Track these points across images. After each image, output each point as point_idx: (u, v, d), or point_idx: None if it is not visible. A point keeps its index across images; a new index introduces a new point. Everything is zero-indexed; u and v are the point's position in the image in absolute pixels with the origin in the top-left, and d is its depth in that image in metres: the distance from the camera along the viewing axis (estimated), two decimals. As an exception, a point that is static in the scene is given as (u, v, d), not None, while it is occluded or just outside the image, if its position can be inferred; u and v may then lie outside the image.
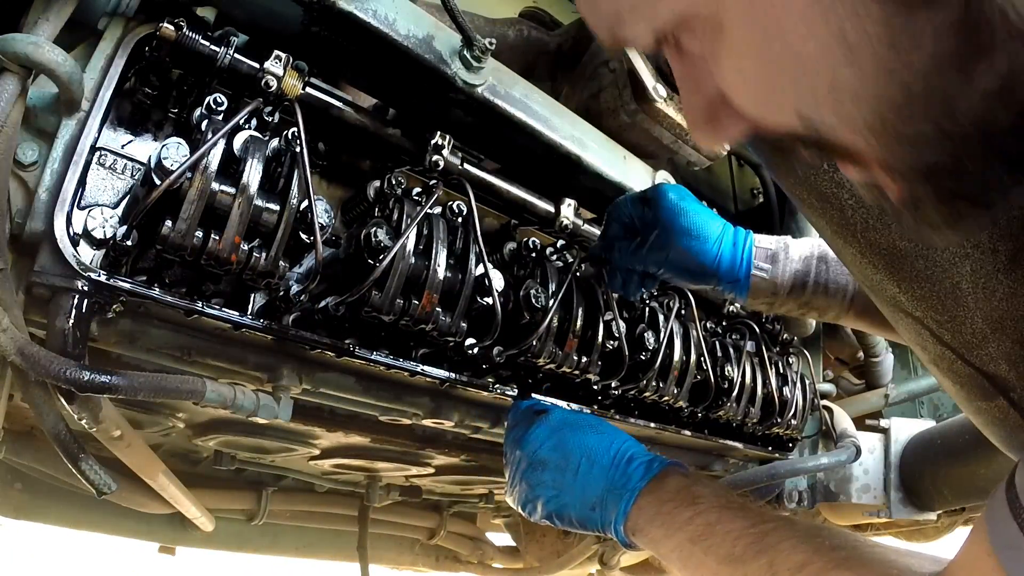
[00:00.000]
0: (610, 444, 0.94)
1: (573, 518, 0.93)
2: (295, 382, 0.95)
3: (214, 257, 0.78)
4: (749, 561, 0.72)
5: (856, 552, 0.66)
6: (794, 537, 0.70)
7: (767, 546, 0.72)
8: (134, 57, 0.81)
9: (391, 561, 2.17)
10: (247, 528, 1.79)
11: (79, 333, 0.74)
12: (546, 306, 1.04)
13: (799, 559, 0.67)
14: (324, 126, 0.94)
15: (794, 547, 0.69)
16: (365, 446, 1.35)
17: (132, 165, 0.82)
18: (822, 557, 0.66)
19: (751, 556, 0.72)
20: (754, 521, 0.76)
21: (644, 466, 0.91)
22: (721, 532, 0.77)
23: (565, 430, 0.97)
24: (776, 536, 0.72)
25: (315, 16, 0.86)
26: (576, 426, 0.97)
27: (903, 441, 1.70)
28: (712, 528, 0.78)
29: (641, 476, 0.90)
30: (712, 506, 0.81)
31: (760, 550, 0.72)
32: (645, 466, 0.91)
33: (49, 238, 0.74)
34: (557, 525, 0.96)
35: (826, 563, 0.65)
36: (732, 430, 1.48)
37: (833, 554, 0.66)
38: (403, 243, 0.89)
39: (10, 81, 0.70)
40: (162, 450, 1.45)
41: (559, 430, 0.97)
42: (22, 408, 1.12)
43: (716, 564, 0.76)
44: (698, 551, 0.78)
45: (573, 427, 0.97)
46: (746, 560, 0.72)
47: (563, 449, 0.94)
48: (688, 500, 0.83)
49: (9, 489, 1.52)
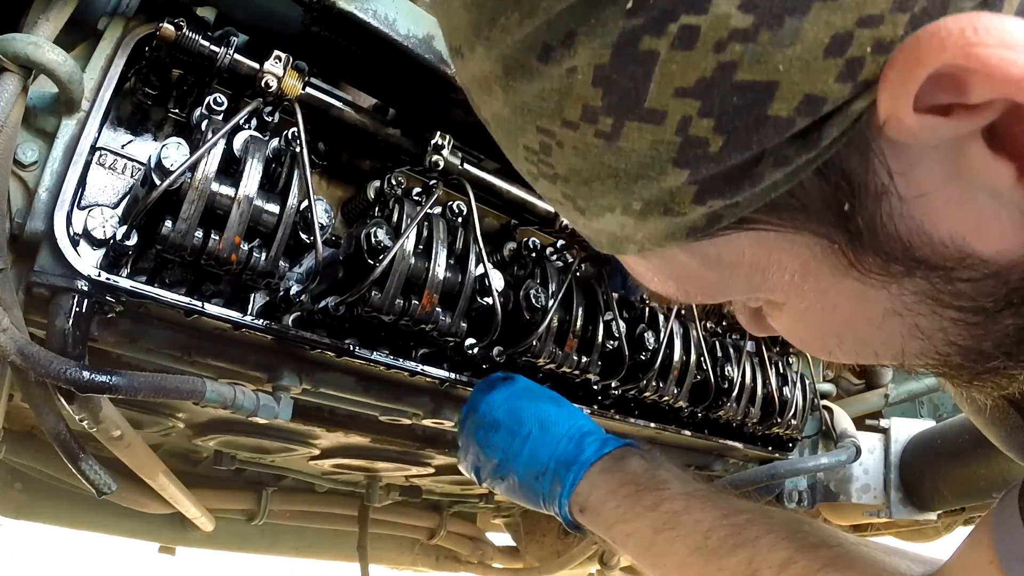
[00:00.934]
0: (568, 417, 0.91)
1: (517, 486, 0.89)
2: (295, 382, 0.95)
3: (214, 257, 0.78)
4: (725, 556, 0.69)
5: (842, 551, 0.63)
6: (773, 532, 0.68)
7: (745, 541, 0.68)
8: (134, 57, 0.81)
9: (391, 561, 2.17)
10: (247, 528, 1.79)
11: (79, 333, 0.74)
12: (546, 306, 1.04)
13: (782, 557, 0.65)
14: (324, 126, 0.94)
15: (775, 544, 0.66)
16: (365, 446, 1.35)
17: (132, 165, 0.82)
18: (806, 556, 0.63)
19: (727, 551, 0.69)
20: (726, 512, 0.73)
21: (599, 441, 0.87)
22: (689, 522, 0.73)
23: (524, 396, 0.94)
24: (754, 530, 0.69)
25: (315, 16, 0.86)
26: (536, 395, 0.95)
27: (903, 441, 1.70)
28: (678, 517, 0.74)
29: (595, 450, 0.85)
30: (678, 493, 0.77)
31: (737, 544, 0.69)
32: (600, 441, 0.86)
33: (49, 238, 0.74)
34: (503, 493, 0.93)
35: (811, 562, 0.63)
36: (732, 430, 1.48)
37: (818, 553, 0.63)
38: (403, 243, 0.89)
39: (10, 81, 0.70)
40: (162, 450, 1.45)
41: (518, 396, 0.94)
42: (22, 408, 1.12)
43: (685, 555, 0.72)
44: (662, 540, 0.74)
45: (533, 395, 0.95)
46: (721, 555, 0.69)
47: (518, 414, 0.91)
48: (651, 485, 0.79)
49: (9, 489, 1.51)
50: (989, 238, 0.36)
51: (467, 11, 0.37)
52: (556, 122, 0.37)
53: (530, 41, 0.35)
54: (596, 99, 0.35)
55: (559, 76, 0.35)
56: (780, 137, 0.33)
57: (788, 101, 0.32)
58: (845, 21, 0.30)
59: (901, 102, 0.31)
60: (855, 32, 0.30)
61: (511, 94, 0.38)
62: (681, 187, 0.36)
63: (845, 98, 0.32)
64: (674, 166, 0.36)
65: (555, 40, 0.34)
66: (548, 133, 0.38)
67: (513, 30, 0.35)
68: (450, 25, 0.40)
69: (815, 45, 0.31)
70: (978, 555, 0.51)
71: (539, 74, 0.36)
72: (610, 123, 0.36)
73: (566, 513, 0.85)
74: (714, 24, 0.31)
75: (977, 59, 0.28)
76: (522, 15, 0.34)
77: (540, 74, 0.36)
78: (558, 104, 0.36)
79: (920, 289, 0.38)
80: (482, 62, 0.38)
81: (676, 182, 0.36)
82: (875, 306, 0.40)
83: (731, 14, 0.31)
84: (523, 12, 0.34)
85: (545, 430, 0.89)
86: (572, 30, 0.34)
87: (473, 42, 0.38)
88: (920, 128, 0.31)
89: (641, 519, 0.77)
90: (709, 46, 0.32)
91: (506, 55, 0.36)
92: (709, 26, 0.31)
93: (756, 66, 0.32)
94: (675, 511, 0.75)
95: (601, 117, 0.36)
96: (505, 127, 0.41)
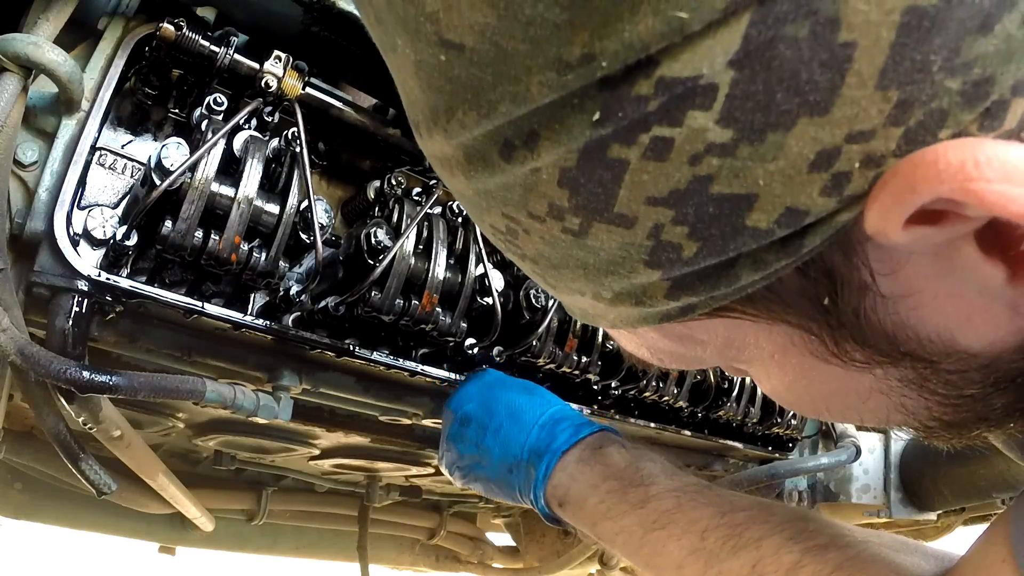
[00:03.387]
0: (540, 404, 0.88)
1: (491, 481, 0.86)
2: (295, 382, 0.95)
3: (214, 257, 0.78)
4: (726, 558, 0.66)
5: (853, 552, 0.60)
6: (778, 533, 0.64)
7: (747, 542, 0.65)
8: (134, 57, 0.81)
9: (391, 561, 2.17)
10: (247, 528, 1.79)
11: (79, 333, 0.74)
12: (546, 306, 1.04)
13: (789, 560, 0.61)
14: (324, 126, 0.94)
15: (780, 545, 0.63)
16: (365, 446, 1.35)
17: (132, 165, 0.82)
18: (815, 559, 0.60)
19: (728, 553, 0.66)
20: (722, 509, 0.69)
21: (573, 428, 0.83)
22: (683, 521, 0.70)
23: (496, 388, 0.92)
24: (755, 531, 0.66)
25: (315, 16, 0.86)
26: (507, 385, 0.93)
27: (903, 441, 1.70)
28: (671, 515, 0.71)
29: (568, 437, 0.81)
30: (668, 489, 0.74)
31: (738, 546, 0.65)
32: (574, 428, 0.83)
33: (49, 238, 0.74)
34: (481, 490, 0.90)
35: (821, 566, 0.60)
36: (732, 430, 1.48)
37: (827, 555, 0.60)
38: (403, 243, 0.89)
39: (10, 81, 0.70)
40: (162, 450, 1.45)
41: (490, 387, 0.92)
42: (22, 408, 1.12)
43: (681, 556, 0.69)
44: (654, 540, 0.71)
45: (504, 386, 0.92)
46: (722, 557, 0.66)
47: (488, 406, 0.89)
48: (636, 479, 0.76)
49: (9, 489, 1.51)
50: (979, 332, 0.34)
51: (424, 94, 0.34)
52: (522, 212, 0.35)
53: (491, 137, 0.33)
54: (562, 199, 0.33)
55: (523, 173, 0.33)
56: (758, 244, 0.31)
57: (768, 213, 0.30)
58: (833, 137, 0.28)
59: (891, 223, 0.29)
60: (843, 147, 0.28)
61: (473, 181, 0.36)
62: (654, 284, 0.35)
63: (829, 211, 0.30)
64: (646, 267, 0.34)
65: (517, 139, 0.32)
66: (513, 220, 0.36)
67: (471, 126, 0.33)
68: (407, 100, 0.37)
69: (799, 160, 0.29)
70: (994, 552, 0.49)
71: (501, 169, 0.33)
72: (577, 222, 0.33)
73: (543, 506, 0.82)
74: (689, 137, 0.29)
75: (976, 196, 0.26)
76: (480, 114, 0.32)
77: (502, 170, 0.33)
78: (523, 197, 0.34)
79: (906, 376, 0.37)
80: (442, 146, 0.35)
81: (648, 280, 0.35)
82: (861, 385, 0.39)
83: (708, 128, 0.29)
84: (481, 111, 0.32)
85: (516, 420, 0.86)
86: (535, 131, 0.31)
87: (431, 127, 0.35)
88: (910, 241, 0.30)
89: (628, 516, 0.74)
90: (684, 159, 0.30)
91: (466, 145, 0.34)
92: (684, 139, 0.29)
93: (734, 179, 0.30)
94: (666, 509, 0.72)
95: (568, 216, 0.33)
96: (470, 205, 0.39)
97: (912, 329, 0.34)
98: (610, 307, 0.38)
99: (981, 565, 0.51)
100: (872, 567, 0.59)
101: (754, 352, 0.40)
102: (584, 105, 0.30)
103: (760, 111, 0.28)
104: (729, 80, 0.28)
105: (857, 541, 0.62)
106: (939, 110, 0.28)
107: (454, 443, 0.91)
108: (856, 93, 0.27)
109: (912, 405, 0.39)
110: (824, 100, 0.27)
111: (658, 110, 0.29)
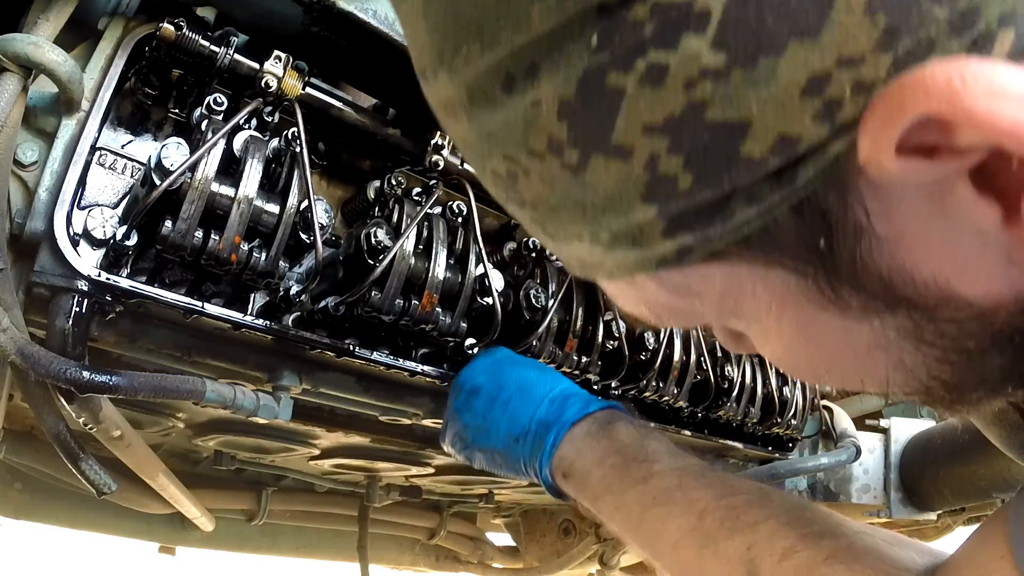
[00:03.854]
0: (551, 381, 0.88)
1: (496, 451, 0.86)
2: (295, 382, 0.95)
3: (214, 257, 0.78)
4: (722, 540, 0.66)
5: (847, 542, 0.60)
6: (774, 518, 0.65)
7: (744, 525, 0.65)
8: (134, 57, 0.81)
9: (391, 561, 2.17)
10: (247, 528, 1.79)
11: (79, 333, 0.74)
12: (546, 306, 1.04)
13: (783, 545, 0.61)
14: (324, 126, 0.94)
15: (776, 530, 0.63)
16: (365, 446, 1.35)
17: (132, 165, 0.82)
18: (809, 545, 0.60)
19: (724, 535, 0.66)
20: (722, 491, 0.69)
21: (583, 401, 0.83)
22: (683, 500, 0.70)
23: (507, 363, 0.92)
24: (753, 514, 0.66)
25: (315, 16, 0.86)
26: (518, 362, 0.93)
27: (903, 441, 1.70)
28: (671, 494, 0.71)
29: (578, 410, 0.82)
30: (670, 468, 0.74)
31: (735, 528, 0.65)
32: (584, 402, 0.84)
33: (49, 238, 0.74)
34: (484, 463, 0.90)
35: (814, 553, 0.60)
36: (732, 430, 1.48)
37: (822, 543, 0.60)
38: (403, 243, 0.89)
39: (10, 81, 0.70)
40: (162, 450, 1.45)
41: (501, 363, 0.93)
42: (22, 408, 1.12)
43: (678, 535, 0.69)
44: (652, 517, 0.71)
45: (515, 362, 0.93)
46: (718, 538, 0.66)
47: (499, 379, 0.89)
48: (640, 456, 0.76)
49: (9, 489, 1.51)
50: (974, 280, 0.35)
51: (430, 36, 0.36)
52: (522, 152, 0.36)
53: (493, 71, 0.34)
54: (561, 133, 0.34)
55: (523, 108, 0.34)
56: (753, 176, 0.32)
57: (761, 141, 0.31)
58: (824, 61, 0.29)
59: (882, 147, 0.29)
60: (834, 73, 0.29)
61: (475, 122, 0.37)
62: (650, 221, 0.35)
63: (822, 139, 0.31)
64: (642, 202, 0.34)
65: (518, 72, 0.33)
66: (514, 161, 0.37)
67: (475, 60, 0.34)
68: (415, 48, 0.39)
69: (791, 85, 0.29)
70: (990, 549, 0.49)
71: (503, 105, 0.35)
72: (576, 156, 0.34)
73: (547, 476, 0.82)
74: (684, 62, 0.30)
75: (963, 110, 0.27)
76: (483, 46, 0.33)
77: (504, 105, 0.35)
78: (523, 135, 0.35)
79: (903, 326, 0.37)
80: (446, 88, 0.37)
81: (644, 217, 0.35)
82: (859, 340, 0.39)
83: (702, 52, 0.29)
84: (484, 43, 0.33)
85: (526, 393, 0.86)
86: (536, 63, 0.32)
87: (437, 68, 0.37)
88: (902, 171, 0.30)
89: (629, 493, 0.74)
90: (679, 84, 0.30)
91: (469, 83, 0.35)
92: (679, 64, 0.30)
93: (728, 106, 0.30)
94: (667, 487, 0.72)
95: (567, 150, 0.34)
96: (472, 151, 0.40)
97: (908, 273, 0.35)
98: (607, 253, 0.39)
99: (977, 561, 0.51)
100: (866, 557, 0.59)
101: (751, 305, 0.40)
102: (583, 31, 0.31)
103: (752, 35, 0.29)
104: (722, 5, 0.29)
105: (852, 532, 0.62)
106: (927, 39, 0.28)
107: (460, 414, 0.91)
108: (845, 18, 0.28)
109: (911, 361, 0.39)
110: (814, 24, 0.28)
111: (653, 35, 0.30)
